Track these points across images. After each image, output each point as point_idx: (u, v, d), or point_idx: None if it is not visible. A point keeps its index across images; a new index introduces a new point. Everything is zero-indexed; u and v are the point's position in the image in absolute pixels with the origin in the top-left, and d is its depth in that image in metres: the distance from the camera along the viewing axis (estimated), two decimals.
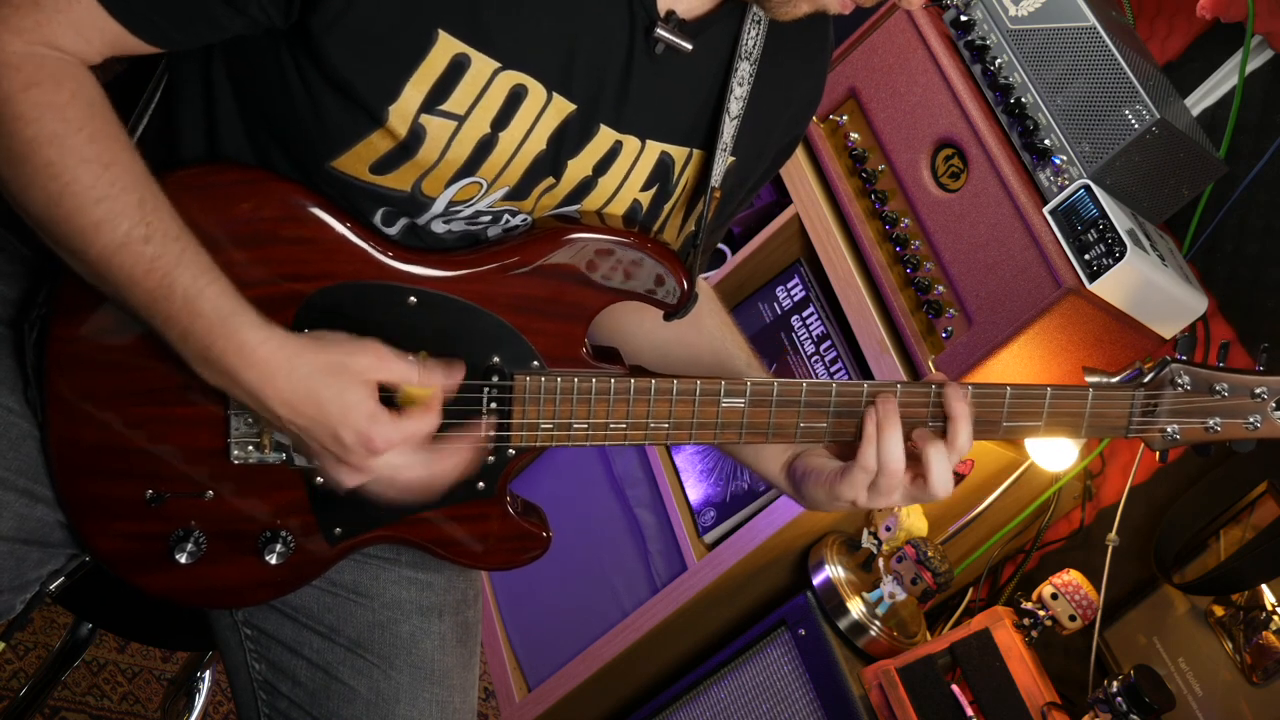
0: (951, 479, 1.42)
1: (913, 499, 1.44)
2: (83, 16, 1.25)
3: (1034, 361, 2.10)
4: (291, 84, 1.31)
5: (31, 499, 1.43)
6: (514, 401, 1.41)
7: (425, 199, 1.38)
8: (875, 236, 2.32)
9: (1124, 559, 2.30)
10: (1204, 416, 1.46)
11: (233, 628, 1.60)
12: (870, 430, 1.41)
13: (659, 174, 1.46)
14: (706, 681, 2.38)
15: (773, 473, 1.54)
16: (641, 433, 1.43)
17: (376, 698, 1.55)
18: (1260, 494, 2.15)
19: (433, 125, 1.32)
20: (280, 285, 1.33)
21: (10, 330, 1.44)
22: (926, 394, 1.42)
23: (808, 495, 1.50)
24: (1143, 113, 2.05)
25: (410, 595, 1.59)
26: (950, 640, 2.17)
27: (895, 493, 1.42)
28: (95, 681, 2.68)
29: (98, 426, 1.40)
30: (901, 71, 2.31)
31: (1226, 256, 2.32)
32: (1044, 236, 2.06)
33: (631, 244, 1.40)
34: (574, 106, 1.36)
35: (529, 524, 1.51)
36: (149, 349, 1.36)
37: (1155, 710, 2.02)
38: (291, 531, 1.46)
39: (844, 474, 1.43)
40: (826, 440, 1.46)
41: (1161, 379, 1.46)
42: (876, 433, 1.40)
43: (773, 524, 2.29)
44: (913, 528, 2.31)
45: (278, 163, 1.37)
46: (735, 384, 1.42)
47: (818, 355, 2.42)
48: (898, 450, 1.40)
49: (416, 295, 1.38)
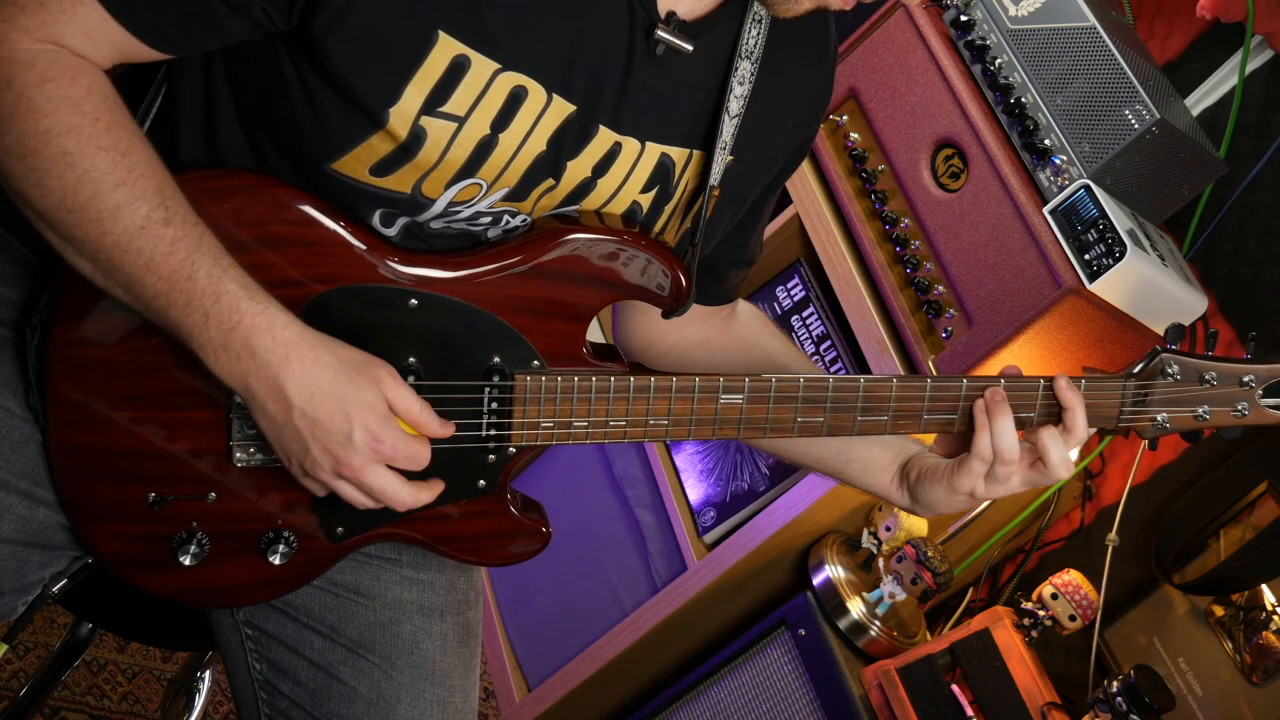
0: (1070, 459, 1.45)
1: (1032, 483, 1.47)
2: (89, 20, 1.26)
3: (1034, 361, 2.10)
4: (291, 87, 1.31)
5: (33, 502, 1.43)
6: (514, 401, 1.41)
7: (425, 200, 1.38)
8: (875, 236, 2.32)
9: (1124, 559, 2.30)
10: (1194, 405, 1.49)
11: (233, 628, 1.60)
12: (981, 418, 1.44)
13: (659, 176, 1.46)
14: (706, 681, 2.38)
15: (883, 486, 1.57)
16: (641, 430, 1.44)
17: (377, 698, 1.55)
18: (1260, 494, 2.15)
19: (433, 127, 1.32)
20: (282, 289, 1.33)
21: (12, 332, 1.44)
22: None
23: (925, 497, 1.52)
24: (1143, 113, 2.05)
25: (411, 595, 1.59)
26: (950, 640, 2.17)
27: (1013, 478, 1.45)
28: (95, 681, 2.68)
29: (100, 430, 1.40)
30: (901, 71, 2.31)
31: (1226, 256, 2.33)
32: (1044, 236, 2.06)
33: (629, 243, 1.41)
34: (574, 108, 1.36)
35: (530, 520, 1.51)
36: (151, 351, 1.36)
37: (1155, 710, 2.03)
38: (294, 531, 1.46)
39: (961, 465, 1.46)
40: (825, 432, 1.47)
41: (1152, 369, 1.47)
42: (988, 420, 1.43)
43: (773, 524, 2.29)
44: (913, 528, 2.32)
45: (277, 165, 1.37)
46: (733, 380, 1.43)
47: (818, 355, 2.42)
48: (1011, 436, 1.43)
49: (417, 297, 1.38)
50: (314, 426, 1.30)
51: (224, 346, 1.27)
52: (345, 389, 1.29)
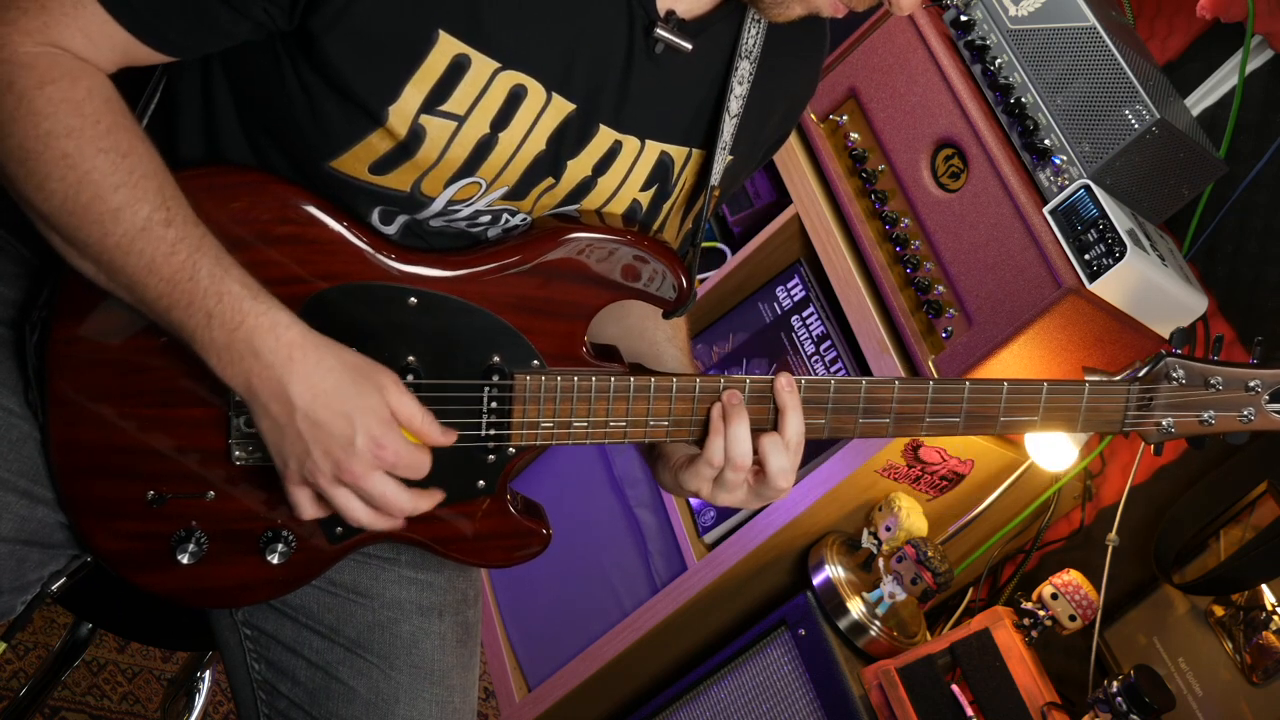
0: (792, 472, 1.40)
1: (758, 495, 1.42)
2: (91, 23, 1.26)
3: (1034, 361, 2.10)
4: (290, 85, 1.31)
5: (32, 500, 1.43)
6: (514, 401, 1.41)
7: (424, 199, 1.38)
8: (875, 236, 2.32)
9: (1124, 559, 2.30)
10: (1199, 409, 1.48)
11: (232, 628, 1.60)
12: (717, 423, 1.40)
13: (658, 174, 1.46)
14: (706, 681, 2.38)
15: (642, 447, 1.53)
16: (642, 430, 1.44)
17: (376, 698, 1.55)
18: (1260, 494, 2.15)
19: (432, 125, 1.32)
20: (281, 286, 1.33)
21: (11, 331, 1.44)
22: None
23: (659, 477, 1.50)
24: (1143, 113, 2.05)
25: (410, 595, 1.59)
26: (950, 640, 2.17)
27: (740, 489, 1.41)
28: (95, 681, 2.68)
29: (99, 428, 1.40)
30: (901, 71, 2.31)
31: (1226, 256, 2.33)
32: (1044, 236, 2.06)
33: (630, 242, 1.41)
34: (573, 106, 1.36)
35: (529, 521, 1.51)
36: (150, 350, 1.36)
37: (1155, 710, 2.02)
38: (293, 530, 1.46)
39: (691, 466, 1.42)
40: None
41: (1157, 373, 1.47)
42: (724, 425, 1.39)
43: (772, 524, 2.29)
44: (913, 528, 2.31)
45: (277, 164, 1.37)
46: (734, 381, 1.42)
47: (818, 355, 2.42)
48: (744, 443, 1.39)
49: (417, 296, 1.38)
50: (316, 429, 1.29)
51: (227, 347, 1.27)
52: (349, 392, 1.29)
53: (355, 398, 1.29)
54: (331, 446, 1.30)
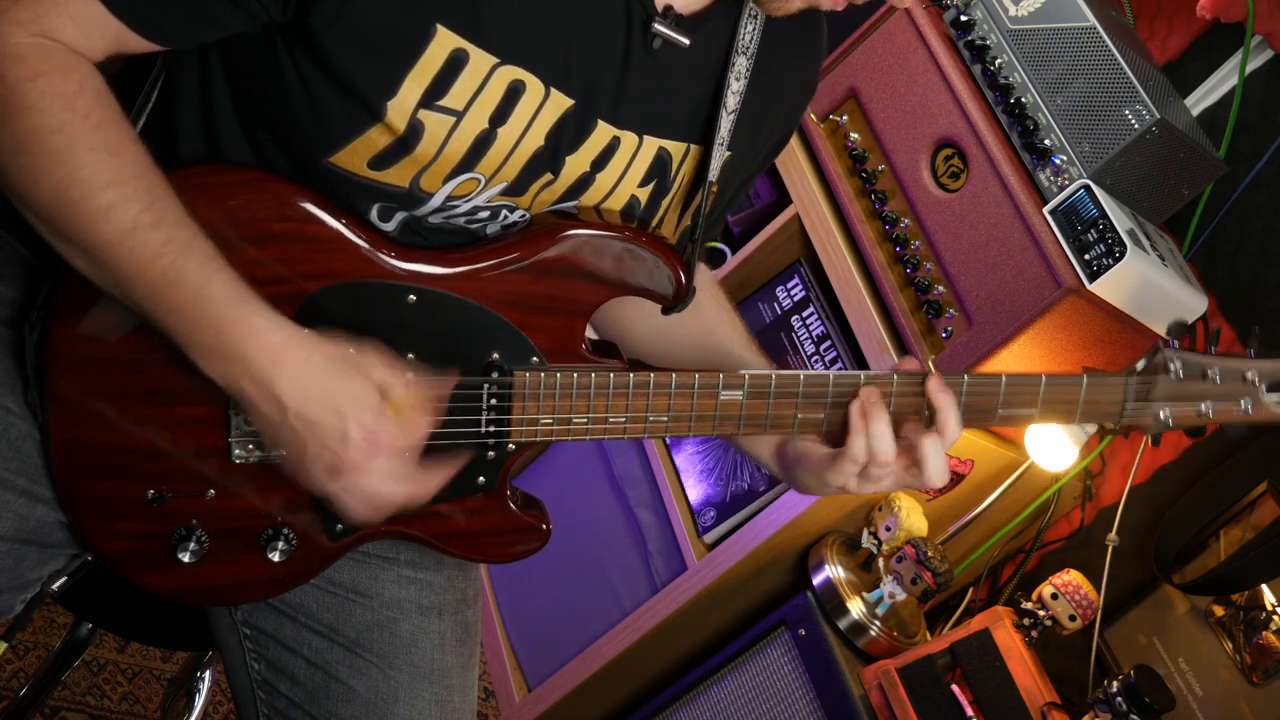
0: (947, 466, 1.42)
1: (906, 485, 1.45)
2: (82, 11, 1.25)
3: (1034, 362, 2.10)
4: (289, 80, 1.31)
5: (31, 499, 1.43)
6: (514, 398, 1.41)
7: (423, 194, 1.38)
8: (875, 236, 2.32)
9: (1124, 559, 2.30)
10: (1197, 401, 1.48)
11: (232, 627, 1.60)
12: (857, 421, 1.41)
13: (656, 169, 1.46)
14: (706, 681, 2.38)
15: (764, 455, 1.55)
16: (641, 426, 1.44)
17: (375, 697, 1.55)
18: (1260, 494, 2.15)
19: (431, 121, 1.32)
20: (280, 285, 1.33)
21: (10, 331, 1.44)
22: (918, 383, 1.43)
23: (799, 480, 1.50)
24: (1143, 113, 2.05)
25: (410, 594, 1.59)
26: (950, 640, 2.17)
27: (886, 480, 1.43)
28: (95, 681, 2.68)
29: (99, 427, 1.40)
30: (901, 71, 2.31)
31: (1226, 256, 2.33)
32: (1044, 236, 2.06)
33: (629, 239, 1.41)
34: (572, 102, 1.36)
35: (529, 517, 1.51)
36: (149, 349, 1.36)
37: (1155, 710, 2.02)
38: (293, 528, 1.46)
39: (834, 462, 1.43)
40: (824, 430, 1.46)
41: (1155, 365, 1.47)
42: (864, 423, 1.41)
43: (773, 524, 2.29)
44: (913, 528, 2.31)
45: (275, 159, 1.37)
46: (733, 377, 1.43)
47: (818, 355, 2.42)
48: (886, 440, 1.40)
49: (416, 293, 1.38)
50: (309, 428, 1.29)
51: (214, 349, 1.27)
52: (336, 386, 1.29)
53: (343, 391, 1.29)
54: (328, 439, 1.29)
